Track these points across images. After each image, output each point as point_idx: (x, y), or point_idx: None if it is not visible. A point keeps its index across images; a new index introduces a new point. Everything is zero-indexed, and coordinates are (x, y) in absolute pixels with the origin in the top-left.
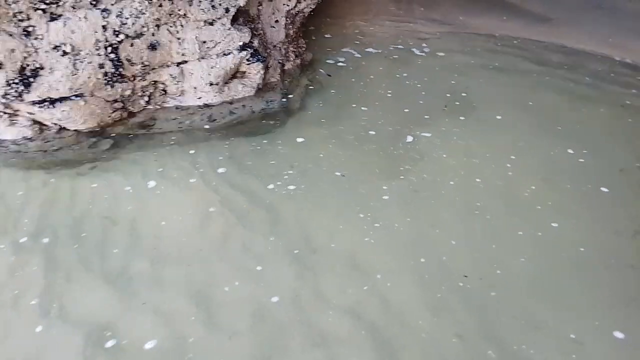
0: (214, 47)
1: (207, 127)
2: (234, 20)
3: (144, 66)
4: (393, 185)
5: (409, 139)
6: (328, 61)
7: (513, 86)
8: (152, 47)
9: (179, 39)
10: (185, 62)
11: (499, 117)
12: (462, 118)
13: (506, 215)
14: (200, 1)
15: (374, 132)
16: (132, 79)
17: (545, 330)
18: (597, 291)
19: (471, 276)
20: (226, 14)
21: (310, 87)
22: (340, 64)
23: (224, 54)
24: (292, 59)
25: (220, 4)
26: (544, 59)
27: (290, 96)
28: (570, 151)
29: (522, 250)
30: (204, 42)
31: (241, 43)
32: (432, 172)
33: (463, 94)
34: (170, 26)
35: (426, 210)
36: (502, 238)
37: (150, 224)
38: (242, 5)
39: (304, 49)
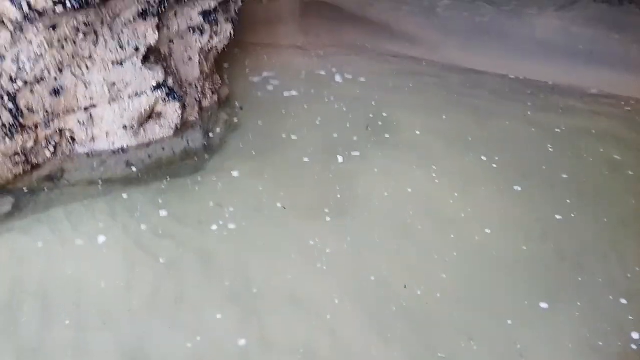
0: (126, 88)
1: (124, 173)
2: (145, 60)
3: (47, 113)
4: (333, 209)
5: (340, 159)
6: (246, 94)
7: (426, 104)
8: (55, 92)
9: (85, 82)
10: (94, 106)
11: (417, 133)
12: (387, 136)
13: (435, 224)
14: (106, 41)
15: (307, 159)
16: (34, 128)
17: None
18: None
19: (412, 291)
20: (136, 52)
21: (234, 123)
22: (260, 94)
23: (137, 95)
24: (209, 95)
25: (128, 43)
26: (449, 80)
27: (211, 134)
28: (483, 158)
29: (450, 261)
30: (114, 83)
31: (154, 83)
32: (365, 188)
33: (384, 114)
34: (75, 69)
35: (363, 229)
36: (433, 249)
37: (68, 287)
38: (152, 43)
39: (219, 84)
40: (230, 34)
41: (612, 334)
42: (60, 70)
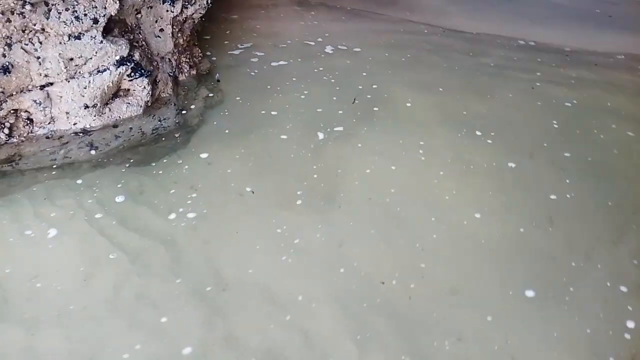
0: (85, 64)
1: (87, 156)
2: (107, 32)
3: None
4: (306, 191)
5: (320, 136)
6: (230, 66)
7: (422, 75)
8: (5, 70)
9: (38, 58)
10: (51, 84)
11: (408, 105)
12: (375, 109)
13: (417, 208)
14: (59, 12)
15: (285, 136)
16: None
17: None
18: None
19: (390, 285)
20: (95, 25)
21: (212, 98)
22: (246, 67)
23: (99, 71)
24: (185, 70)
25: (85, 15)
26: (451, 49)
27: (185, 111)
28: (477, 133)
29: (433, 250)
30: (71, 59)
31: (118, 57)
32: (344, 166)
33: (374, 86)
34: (26, 44)
35: (338, 214)
36: (415, 236)
37: (21, 281)
38: (113, 13)
39: (200, 57)
40: (207, 2)
41: (606, 322)
42: (9, 46)
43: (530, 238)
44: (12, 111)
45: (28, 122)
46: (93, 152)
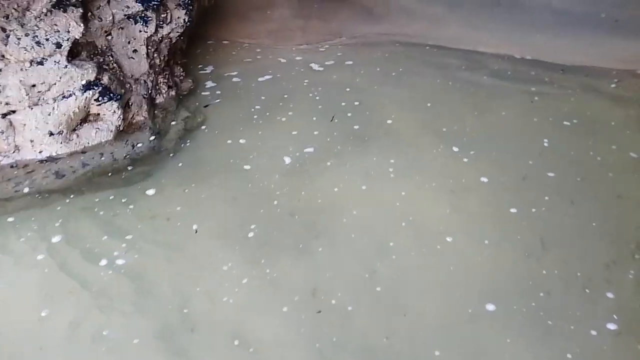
0: (48, 90)
1: (53, 185)
2: (73, 56)
3: None
4: (260, 228)
5: (287, 160)
6: (212, 88)
7: (410, 91)
8: None
9: None
10: (13, 112)
11: (389, 122)
12: (355, 127)
13: (384, 228)
14: (19, 38)
15: (248, 167)
16: None
17: None
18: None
19: (346, 324)
20: (58, 49)
21: (196, 119)
22: (229, 87)
23: (64, 97)
24: (164, 90)
25: (47, 39)
26: (445, 62)
27: (161, 135)
28: (454, 149)
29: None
30: (33, 85)
31: (84, 82)
32: (308, 191)
33: (356, 103)
34: None
35: (291, 247)
36: (373, 265)
37: None
38: (77, 37)
39: (181, 77)
40: (185, 20)
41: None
42: None
43: (494, 257)
44: None
45: None
46: (59, 180)
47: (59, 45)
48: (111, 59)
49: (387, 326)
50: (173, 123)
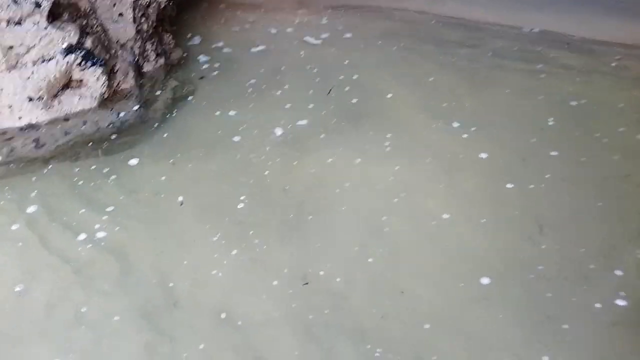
0: (27, 52)
1: (33, 154)
2: (54, 18)
3: None
4: (250, 199)
5: (278, 132)
6: (203, 59)
7: (410, 66)
8: None
9: None
10: None
11: (388, 96)
12: (354, 101)
13: (369, 208)
14: None
15: (237, 138)
16: None
17: None
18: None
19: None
20: (37, 9)
21: (184, 90)
22: (222, 57)
23: (44, 60)
24: (152, 58)
25: None
26: (447, 38)
27: (144, 105)
28: (454, 125)
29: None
30: (11, 47)
31: (66, 45)
32: (299, 164)
33: (354, 77)
34: None
35: (280, 220)
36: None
37: None
38: None
39: (170, 45)
40: None
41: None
42: None
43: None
44: None
45: None
46: (39, 149)
47: (38, 5)
48: (95, 22)
49: (379, 303)
50: (160, 93)
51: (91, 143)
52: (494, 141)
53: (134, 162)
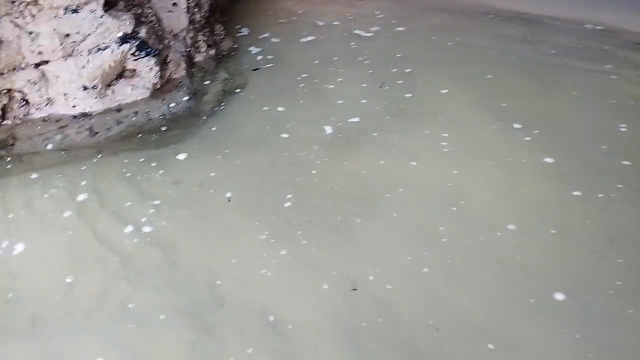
0: (83, 40)
1: (86, 142)
2: (110, 6)
3: None
4: (298, 198)
5: (328, 130)
6: (253, 50)
7: (467, 61)
8: None
9: (30, 33)
10: (46, 62)
11: (444, 92)
12: (407, 95)
13: (424, 214)
14: None
15: (286, 135)
16: None
17: None
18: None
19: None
20: None
21: (234, 82)
22: (274, 49)
23: (99, 49)
24: (203, 49)
25: None
26: (503, 34)
27: (194, 96)
28: (516, 126)
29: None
30: (67, 35)
31: (121, 34)
32: (352, 163)
33: (407, 70)
34: (16, 17)
35: (330, 220)
36: (422, 251)
37: (3, 278)
38: None
39: (222, 36)
40: None
41: None
42: None
43: (562, 250)
44: (4, 91)
45: (23, 103)
46: (92, 137)
47: None
48: (149, 11)
49: (432, 317)
50: (211, 84)
51: (141, 134)
52: (559, 146)
53: (182, 156)
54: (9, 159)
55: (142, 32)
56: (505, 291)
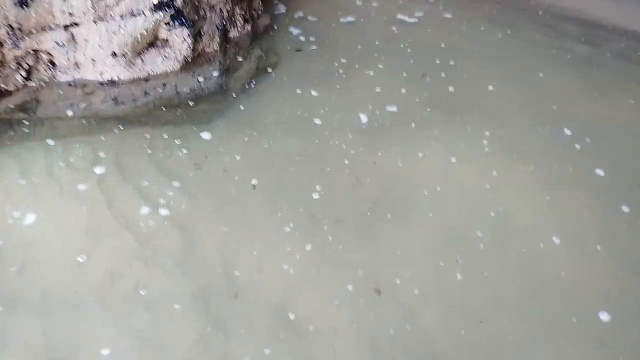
0: (116, 5)
1: (110, 111)
2: None
3: (12, 29)
4: (327, 190)
5: (363, 119)
6: (293, 29)
7: (516, 57)
8: (22, 3)
9: None
10: (76, 24)
11: (490, 88)
12: (450, 89)
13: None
14: None
15: (318, 121)
16: None
17: None
18: None
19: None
20: None
21: (268, 61)
22: (312, 29)
23: (132, 15)
24: (239, 24)
25: None
26: (558, 31)
27: (226, 72)
28: (567, 132)
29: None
30: None
31: (156, 1)
32: (383, 158)
33: (452, 62)
34: None
35: (358, 217)
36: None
37: (16, 247)
38: None
39: (260, 11)
40: None
41: None
42: None
43: (608, 267)
44: (31, 51)
45: (50, 65)
46: (117, 107)
47: None
48: None
49: (461, 332)
50: (244, 61)
51: (167, 108)
52: (611, 157)
53: (207, 135)
54: (29, 123)
55: (178, 1)
56: (546, 308)
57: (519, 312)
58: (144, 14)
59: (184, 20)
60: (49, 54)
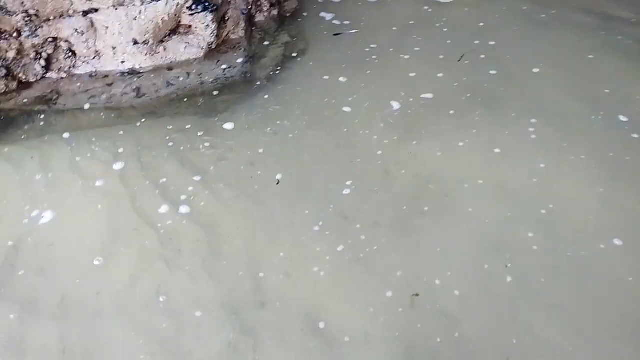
0: None
1: (132, 103)
2: None
3: (29, 16)
4: (358, 184)
5: (395, 106)
6: (325, 14)
7: (563, 39)
8: None
9: None
10: (95, 10)
11: (536, 71)
12: (492, 72)
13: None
14: None
15: (348, 109)
16: (14, 34)
17: None
18: None
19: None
20: None
21: (295, 46)
22: (341, 17)
23: (153, 0)
24: (265, 8)
25: None
26: (608, 13)
27: (251, 59)
28: (621, 119)
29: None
30: None
31: None
32: (423, 144)
33: (491, 43)
34: None
35: (393, 215)
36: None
37: (37, 245)
38: None
39: None
40: None
41: None
42: None
43: None
44: (49, 40)
45: (70, 54)
46: (139, 99)
47: None
48: None
49: (507, 343)
50: (270, 47)
51: (188, 98)
52: None
53: (229, 126)
54: (48, 116)
55: None
56: (607, 319)
57: (575, 322)
58: None
59: (207, 5)
60: (69, 42)
